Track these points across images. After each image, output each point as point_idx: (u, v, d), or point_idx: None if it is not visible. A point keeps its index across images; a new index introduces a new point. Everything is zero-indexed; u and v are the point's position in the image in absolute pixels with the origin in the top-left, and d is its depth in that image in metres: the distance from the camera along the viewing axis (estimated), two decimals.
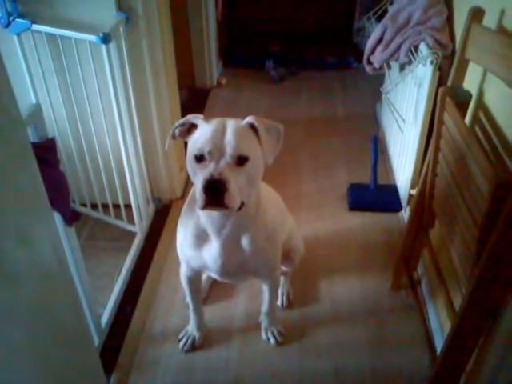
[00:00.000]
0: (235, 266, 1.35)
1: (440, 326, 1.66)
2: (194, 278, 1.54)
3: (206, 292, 1.85)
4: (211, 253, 1.31)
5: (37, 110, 1.16)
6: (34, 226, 1.02)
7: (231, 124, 1.11)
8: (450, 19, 1.92)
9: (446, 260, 1.59)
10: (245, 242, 1.29)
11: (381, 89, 2.23)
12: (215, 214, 1.21)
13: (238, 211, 1.15)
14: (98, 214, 2.17)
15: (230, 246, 1.29)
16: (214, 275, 1.44)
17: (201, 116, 1.17)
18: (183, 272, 1.52)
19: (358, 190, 2.39)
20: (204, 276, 1.77)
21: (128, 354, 1.65)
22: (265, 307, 1.66)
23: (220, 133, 1.09)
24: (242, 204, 1.14)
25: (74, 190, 2.12)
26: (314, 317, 1.80)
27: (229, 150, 1.07)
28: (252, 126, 1.14)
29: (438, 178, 1.48)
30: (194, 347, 1.67)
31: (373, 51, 2.20)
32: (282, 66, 3.70)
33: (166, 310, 1.82)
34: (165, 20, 2.00)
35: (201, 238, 1.31)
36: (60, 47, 1.75)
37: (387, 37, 2.07)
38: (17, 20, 1.69)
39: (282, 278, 1.79)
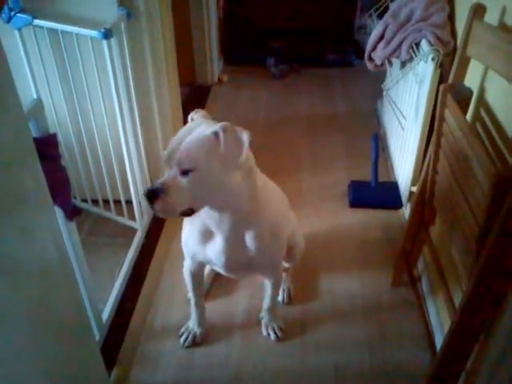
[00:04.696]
0: (239, 262, 1.37)
1: (440, 323, 1.67)
2: (197, 273, 1.56)
3: (208, 286, 1.86)
4: (215, 248, 1.33)
5: (38, 105, 1.16)
6: (36, 221, 1.02)
7: (194, 132, 1.12)
8: (451, 16, 1.92)
9: (446, 257, 1.59)
10: (249, 238, 1.30)
11: (382, 86, 2.23)
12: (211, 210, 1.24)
13: (232, 209, 1.20)
14: (99, 210, 2.17)
15: (233, 242, 1.30)
16: (219, 269, 1.46)
17: (200, 114, 1.18)
18: (187, 266, 1.53)
19: (359, 186, 2.39)
20: (206, 271, 1.78)
21: (129, 350, 1.66)
22: (266, 303, 1.66)
23: (179, 142, 1.11)
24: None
25: (74, 186, 2.12)
26: (315, 313, 1.80)
27: (175, 161, 1.10)
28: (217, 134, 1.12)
29: (439, 175, 1.48)
30: (194, 343, 1.67)
31: (374, 48, 2.20)
32: (283, 63, 3.70)
33: (167, 306, 1.83)
34: (166, 16, 2.00)
35: (206, 234, 1.33)
36: (61, 42, 1.75)
37: (389, 34, 2.07)
38: (18, 15, 1.69)
39: (283, 275, 1.80)
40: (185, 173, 1.10)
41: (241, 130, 1.11)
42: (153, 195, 1.12)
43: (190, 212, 1.16)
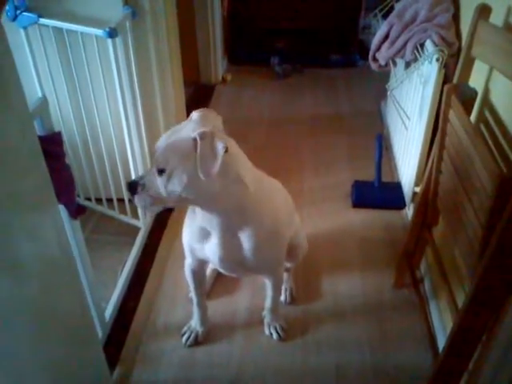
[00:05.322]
0: (234, 261, 1.37)
1: (442, 324, 1.66)
2: (199, 271, 1.56)
3: (209, 285, 1.86)
4: (210, 246, 1.34)
5: (43, 104, 1.17)
6: (40, 219, 1.02)
7: (179, 133, 1.14)
8: (456, 17, 1.92)
9: (449, 258, 1.59)
10: (244, 238, 1.30)
11: (386, 86, 2.23)
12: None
13: (218, 212, 1.22)
14: (103, 209, 2.18)
15: (227, 241, 1.31)
16: (218, 268, 1.46)
17: (199, 114, 1.19)
18: (188, 265, 1.54)
19: (362, 187, 2.39)
20: (208, 270, 1.78)
21: (131, 348, 1.66)
22: (268, 303, 1.66)
23: (165, 140, 1.14)
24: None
25: (78, 184, 2.13)
26: (317, 313, 1.81)
27: (154, 158, 1.14)
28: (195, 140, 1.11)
29: (443, 175, 1.48)
30: (196, 342, 1.67)
31: (379, 48, 2.19)
32: (287, 63, 3.70)
33: (170, 305, 1.83)
34: (171, 15, 2.00)
35: (204, 232, 1.33)
36: (66, 41, 1.76)
37: (393, 34, 2.06)
38: (24, 14, 1.70)
39: (285, 274, 1.80)
40: (160, 172, 1.13)
41: (218, 140, 1.08)
42: (132, 188, 1.18)
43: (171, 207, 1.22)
